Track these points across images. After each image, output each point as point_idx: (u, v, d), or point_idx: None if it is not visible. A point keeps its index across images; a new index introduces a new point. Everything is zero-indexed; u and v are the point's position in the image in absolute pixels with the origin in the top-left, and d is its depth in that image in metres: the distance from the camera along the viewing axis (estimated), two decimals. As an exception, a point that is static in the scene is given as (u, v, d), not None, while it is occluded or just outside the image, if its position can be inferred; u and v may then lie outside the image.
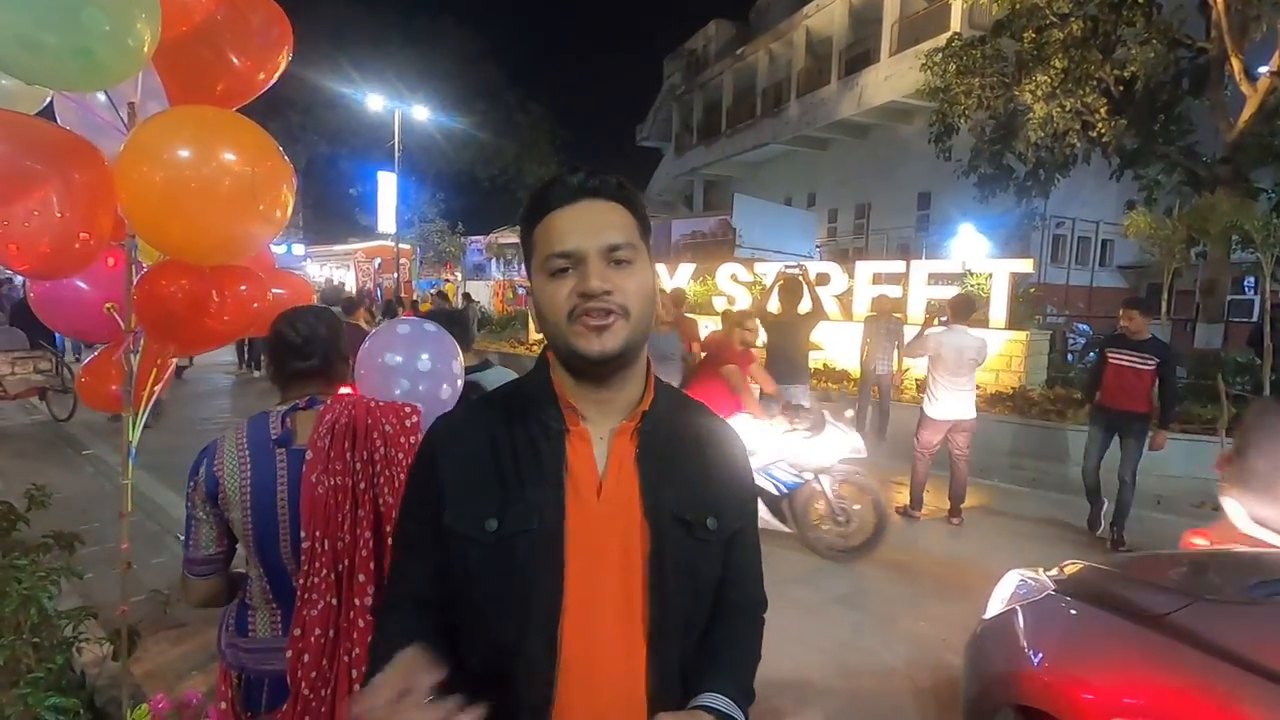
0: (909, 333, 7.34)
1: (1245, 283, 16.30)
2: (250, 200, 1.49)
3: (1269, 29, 10.50)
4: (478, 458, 0.87)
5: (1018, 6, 11.67)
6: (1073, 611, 2.07)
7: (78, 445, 6.84)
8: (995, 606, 2.33)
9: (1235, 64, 10.54)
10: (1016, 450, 7.39)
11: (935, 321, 6.21)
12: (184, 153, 1.45)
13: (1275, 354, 7.35)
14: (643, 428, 0.89)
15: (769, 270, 10.85)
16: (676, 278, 11.70)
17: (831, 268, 10.20)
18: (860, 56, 21.17)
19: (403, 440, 1.40)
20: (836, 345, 9.61)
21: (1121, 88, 11.56)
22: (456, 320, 2.34)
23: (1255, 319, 12.29)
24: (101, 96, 1.66)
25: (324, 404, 1.41)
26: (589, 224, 0.83)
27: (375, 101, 21.77)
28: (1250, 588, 1.97)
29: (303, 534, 1.33)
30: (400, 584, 0.93)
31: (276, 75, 1.90)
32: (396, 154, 21.57)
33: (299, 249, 25.97)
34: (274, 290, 2.08)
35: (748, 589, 0.99)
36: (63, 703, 1.67)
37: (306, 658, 1.34)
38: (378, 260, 25.12)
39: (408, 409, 1.44)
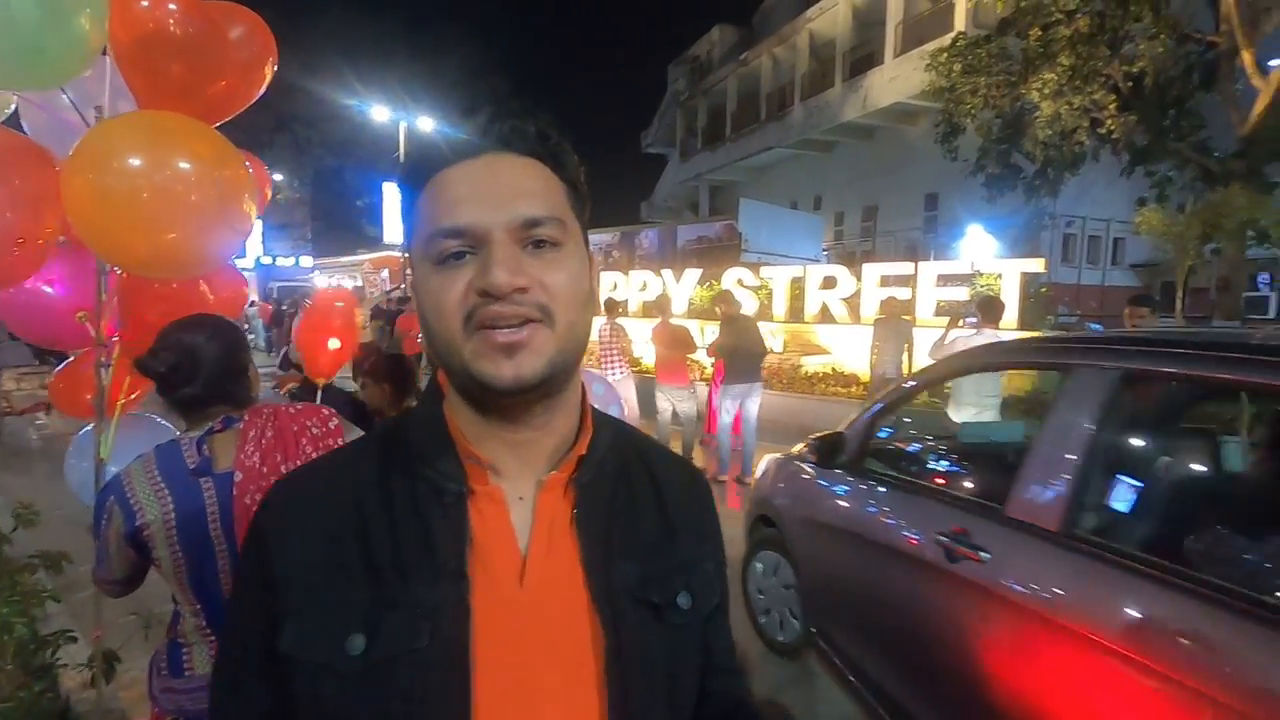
0: (919, 335, 7.23)
1: (1261, 279, 16.06)
2: (205, 210, 1.41)
3: (1280, 21, 10.35)
4: (334, 540, 0.59)
5: (1023, 4, 11.57)
6: (786, 463, 3.35)
7: (82, 460, 6.82)
8: (762, 465, 3.68)
9: (1247, 57, 10.39)
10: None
11: (960, 323, 6.11)
12: (131, 159, 1.38)
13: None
14: (579, 479, 0.64)
15: (775, 274, 10.78)
16: (683, 283, 11.63)
17: (839, 270, 10.09)
18: (864, 58, 21.09)
19: (331, 442, 1.38)
20: (845, 348, 9.50)
21: (1130, 84, 11.42)
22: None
23: (1273, 315, 12.07)
24: (65, 98, 1.61)
25: (240, 422, 1.34)
26: (494, 188, 0.58)
27: (380, 113, 21.93)
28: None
29: None
30: None
31: (262, 88, 1.84)
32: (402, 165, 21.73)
33: (307, 260, 26.11)
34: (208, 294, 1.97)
35: (728, 678, 0.77)
36: (37, 732, 1.60)
37: None
38: (385, 270, 25.24)
39: (325, 411, 1.42)
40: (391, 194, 24.39)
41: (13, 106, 1.69)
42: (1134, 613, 1.50)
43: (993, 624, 1.81)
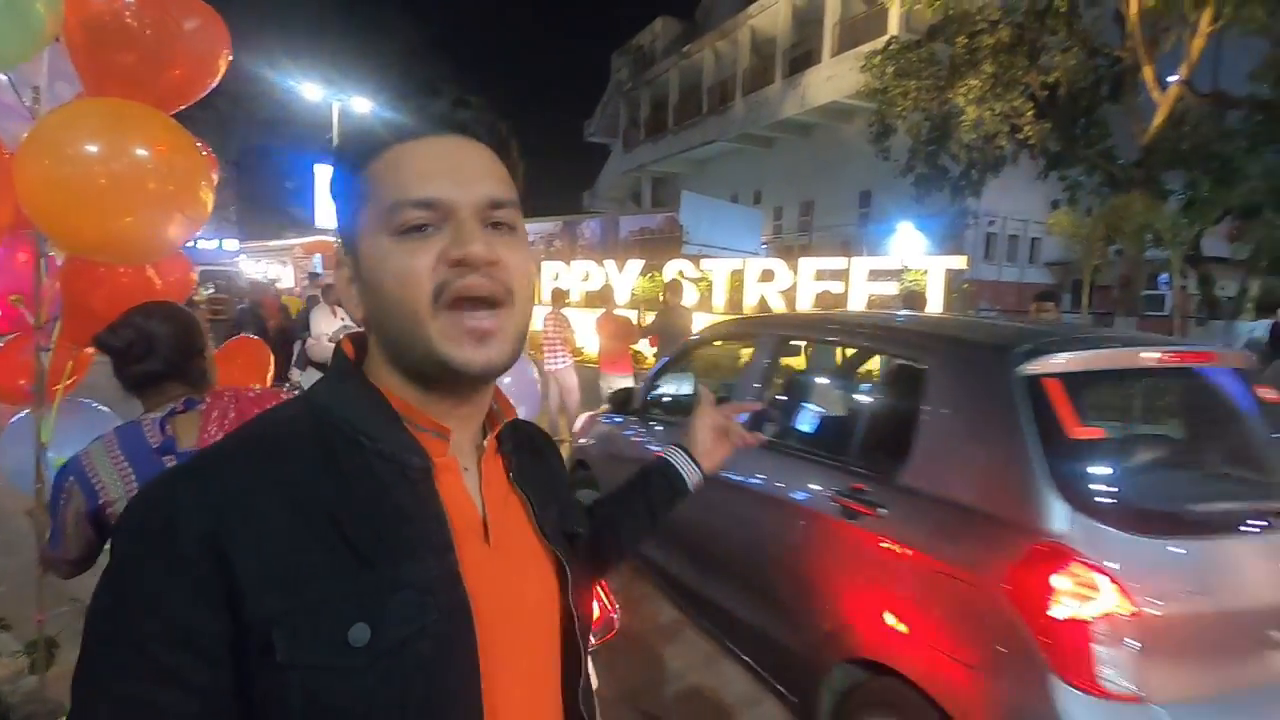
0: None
1: (1161, 279, 17.35)
2: (161, 197, 1.42)
3: (1178, 40, 11.20)
4: (301, 533, 0.54)
5: (951, 12, 12.15)
6: (594, 417, 4.02)
7: None
8: (579, 421, 4.33)
9: (1148, 72, 11.22)
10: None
11: None
12: (87, 145, 1.38)
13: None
14: (505, 443, 0.70)
15: (716, 267, 11.01)
16: (626, 273, 11.74)
17: (777, 264, 10.41)
18: (803, 57, 21.59)
19: None
20: (781, 340, 9.81)
21: (1046, 92, 12.16)
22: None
23: (1168, 312, 13.11)
24: (3, 78, 1.57)
25: (203, 404, 1.38)
26: (462, 166, 0.59)
27: (312, 92, 21.05)
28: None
29: None
30: None
31: (215, 79, 1.83)
32: (335, 146, 20.95)
33: (231, 244, 24.89)
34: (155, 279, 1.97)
35: None
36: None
37: None
38: (317, 256, 24.32)
39: (284, 395, 1.47)
40: (323, 174, 23.52)
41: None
42: (780, 482, 2.42)
43: (716, 507, 2.54)
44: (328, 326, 4.81)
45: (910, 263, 9.58)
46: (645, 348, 7.84)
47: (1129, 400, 3.46)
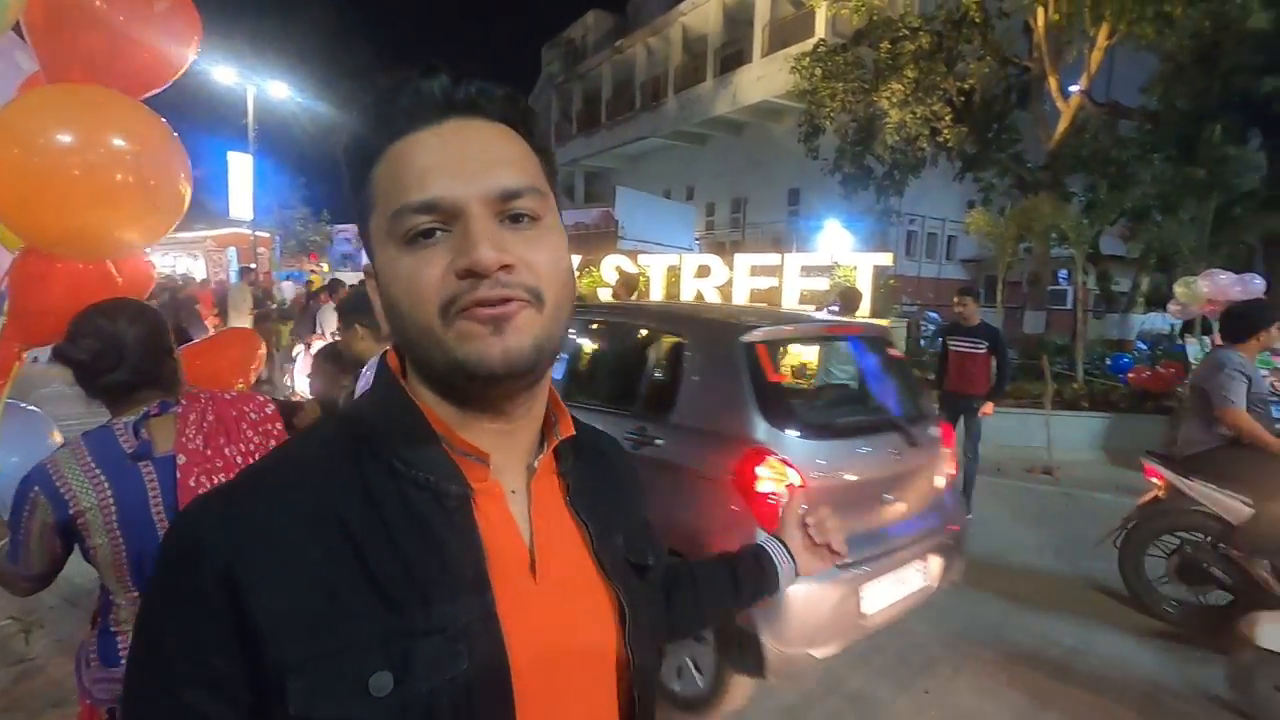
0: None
1: (1060, 274, 18.62)
2: (134, 190, 1.35)
3: (1079, 53, 12.03)
4: (325, 568, 0.49)
5: (875, 18, 12.64)
6: None
7: None
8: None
9: (1053, 82, 12.00)
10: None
11: (824, 312, 6.75)
12: (52, 134, 1.29)
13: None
14: (564, 462, 0.62)
15: (653, 262, 11.10)
16: (562, 269, 11.65)
17: (713, 260, 10.58)
18: (734, 56, 21.96)
19: (269, 427, 1.41)
20: (719, 334, 10.00)
21: (963, 98, 12.83)
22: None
23: (1070, 306, 14.10)
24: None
25: (178, 406, 1.33)
26: (466, 156, 0.52)
27: (225, 74, 19.86)
28: None
29: None
30: None
31: (184, 65, 1.74)
32: (250, 133, 19.84)
33: (136, 235, 23.16)
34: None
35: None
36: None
37: None
38: (232, 249, 23.00)
39: (260, 398, 1.45)
40: (239, 165, 22.22)
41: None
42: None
43: None
44: (330, 325, 4.68)
45: (841, 259, 9.95)
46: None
47: (825, 357, 4.82)
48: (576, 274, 11.54)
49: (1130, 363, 9.90)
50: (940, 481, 3.08)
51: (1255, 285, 8.55)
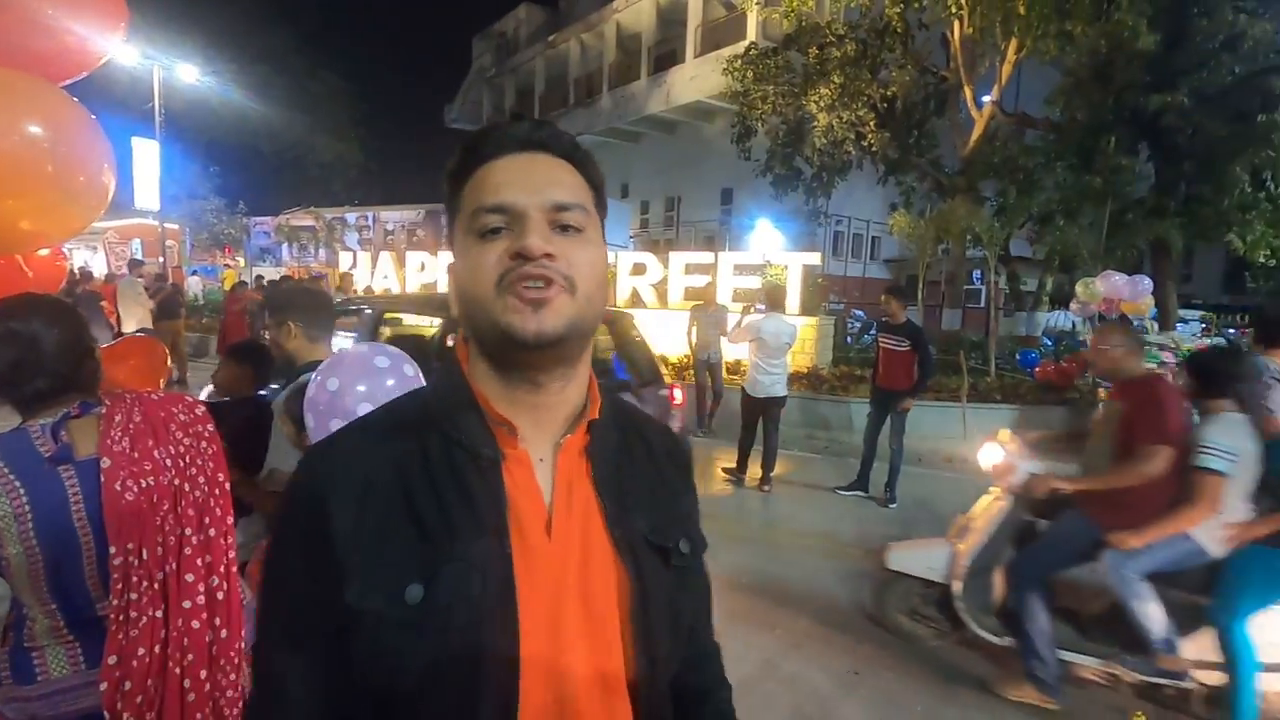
0: (730, 320, 7.98)
1: (975, 275, 19.68)
2: (47, 179, 1.26)
3: (991, 65, 12.75)
4: (385, 503, 0.65)
5: (804, 24, 13.01)
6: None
7: None
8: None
9: (967, 92, 12.68)
10: (810, 423, 8.33)
11: (753, 309, 6.91)
12: None
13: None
14: (591, 442, 0.72)
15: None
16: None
17: (648, 258, 10.67)
18: (668, 55, 22.12)
19: (200, 429, 1.35)
20: (654, 331, 10.08)
21: (886, 105, 13.37)
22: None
23: (983, 304, 14.95)
24: None
25: (100, 407, 1.26)
26: (532, 177, 0.68)
27: (127, 55, 18.52)
28: None
29: (112, 550, 1.21)
30: (284, 706, 0.67)
31: (107, 52, 1.63)
32: (157, 118, 18.59)
33: (26, 225, 21.33)
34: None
35: (706, 634, 0.87)
36: None
37: (128, 684, 1.21)
38: (136, 241, 21.49)
39: (188, 398, 1.40)
40: (144, 151, 20.76)
41: None
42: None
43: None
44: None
45: (772, 258, 10.21)
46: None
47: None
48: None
49: (1037, 358, 10.58)
50: None
51: (1144, 286, 9.31)
